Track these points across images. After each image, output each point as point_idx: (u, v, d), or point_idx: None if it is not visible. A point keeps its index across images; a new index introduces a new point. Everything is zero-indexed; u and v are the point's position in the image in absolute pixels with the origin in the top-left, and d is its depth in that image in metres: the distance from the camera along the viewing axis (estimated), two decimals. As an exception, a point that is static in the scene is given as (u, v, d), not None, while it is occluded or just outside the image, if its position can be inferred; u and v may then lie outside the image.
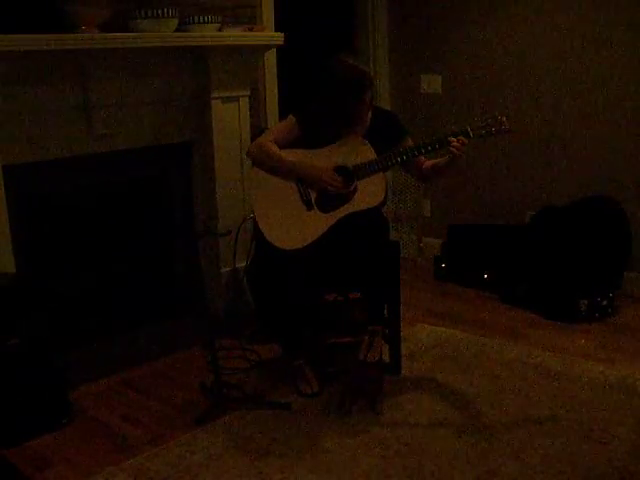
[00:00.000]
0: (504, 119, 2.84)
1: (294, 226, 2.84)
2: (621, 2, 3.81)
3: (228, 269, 3.70)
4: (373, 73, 4.61)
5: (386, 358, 3.08)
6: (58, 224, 3.28)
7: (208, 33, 3.34)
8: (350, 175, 2.86)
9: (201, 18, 3.31)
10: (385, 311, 3.00)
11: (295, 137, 2.92)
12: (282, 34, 3.59)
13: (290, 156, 2.88)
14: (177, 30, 3.25)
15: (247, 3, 3.83)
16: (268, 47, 3.73)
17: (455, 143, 2.77)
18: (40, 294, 2.79)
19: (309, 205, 2.87)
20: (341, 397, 2.88)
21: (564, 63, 4.06)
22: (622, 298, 3.85)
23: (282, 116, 3.77)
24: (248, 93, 3.68)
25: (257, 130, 3.68)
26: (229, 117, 3.60)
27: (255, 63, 3.81)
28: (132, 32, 3.12)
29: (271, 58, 3.97)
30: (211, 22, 3.34)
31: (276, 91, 4.04)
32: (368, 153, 2.86)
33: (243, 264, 3.70)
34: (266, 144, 2.89)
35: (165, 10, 3.15)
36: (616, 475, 2.33)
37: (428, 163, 3.01)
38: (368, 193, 2.85)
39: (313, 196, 2.87)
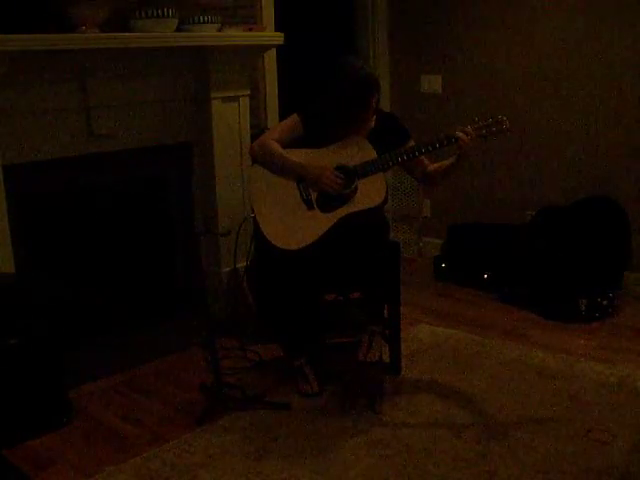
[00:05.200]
0: (504, 119, 2.85)
1: (294, 226, 2.84)
2: (623, 3, 3.81)
3: (228, 269, 3.70)
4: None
5: (386, 358, 3.08)
6: (58, 224, 3.28)
7: (208, 33, 3.34)
8: (351, 175, 2.86)
9: (201, 18, 3.31)
10: (385, 311, 3.00)
11: (298, 136, 2.91)
12: (282, 34, 3.59)
13: (292, 155, 2.87)
14: (177, 30, 3.25)
15: (247, 3, 3.83)
16: (268, 47, 3.72)
17: (463, 137, 2.77)
18: (40, 294, 2.79)
19: (310, 205, 2.87)
20: (341, 397, 2.88)
21: (564, 63, 4.06)
22: (622, 298, 3.85)
23: (282, 116, 3.77)
24: (248, 93, 3.68)
25: (257, 130, 3.68)
26: (229, 117, 3.60)
27: (255, 63, 3.81)
28: (132, 32, 3.12)
29: (271, 58, 3.96)
30: (211, 22, 3.34)
31: (276, 91, 4.04)
32: (369, 153, 2.85)
33: (243, 264, 3.70)
34: (269, 142, 2.89)
35: (165, 10, 3.15)
36: (616, 475, 2.33)
37: (433, 166, 3.00)
38: (369, 193, 2.85)
39: (314, 196, 2.87)
